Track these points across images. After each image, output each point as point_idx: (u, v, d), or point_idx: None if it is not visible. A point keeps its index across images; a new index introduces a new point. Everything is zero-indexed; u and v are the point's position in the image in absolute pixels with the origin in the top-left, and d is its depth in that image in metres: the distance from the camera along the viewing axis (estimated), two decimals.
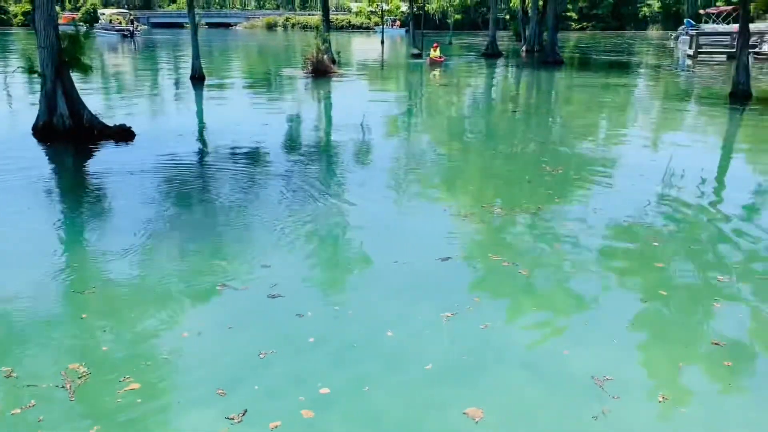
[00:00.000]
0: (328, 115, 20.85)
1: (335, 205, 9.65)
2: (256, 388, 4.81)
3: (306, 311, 6.03)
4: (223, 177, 11.42)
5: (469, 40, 68.91)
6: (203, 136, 16.17)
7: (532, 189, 10.59)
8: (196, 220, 9.09)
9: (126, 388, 4.76)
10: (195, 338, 5.56)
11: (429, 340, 5.53)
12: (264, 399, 4.69)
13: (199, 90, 24.89)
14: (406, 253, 7.50)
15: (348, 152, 13.76)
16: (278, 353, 5.29)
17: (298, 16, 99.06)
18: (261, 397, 4.71)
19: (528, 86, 30.18)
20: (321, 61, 29.88)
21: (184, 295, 6.49)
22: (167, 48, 55.72)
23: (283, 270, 7.06)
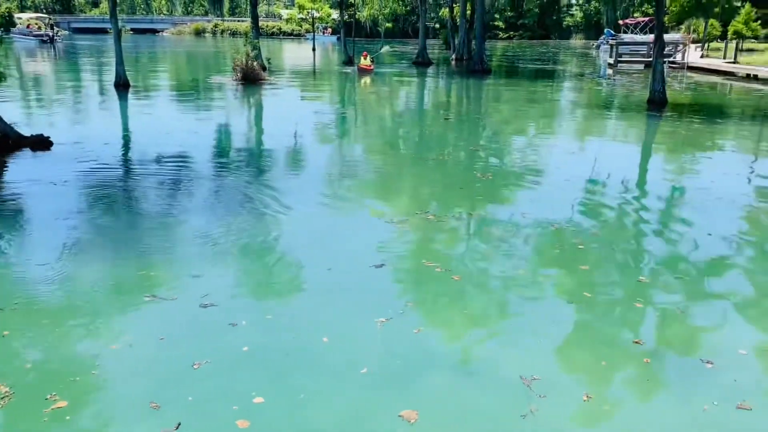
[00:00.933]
0: (258, 122, 20.57)
1: (266, 213, 9.51)
2: (190, 400, 4.71)
3: (240, 320, 5.94)
4: (147, 187, 11.05)
5: (401, 49, 69.58)
6: (127, 146, 15.62)
7: (464, 195, 10.76)
8: (121, 231, 8.76)
9: (53, 407, 4.58)
10: (125, 351, 5.39)
11: (364, 346, 5.55)
12: (198, 410, 4.60)
13: (124, 98, 24.10)
14: (340, 261, 7.49)
15: (279, 160, 13.62)
16: (212, 363, 5.20)
17: (227, 23, 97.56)
18: (195, 409, 4.61)
19: (458, 94, 30.71)
20: (251, 68, 29.47)
21: (113, 307, 6.28)
22: (90, 54, 53.70)
23: (215, 279, 6.93)
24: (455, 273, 7.25)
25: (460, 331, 5.99)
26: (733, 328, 6.11)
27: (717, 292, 7.03)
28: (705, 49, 46.79)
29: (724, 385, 5.07)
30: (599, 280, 7.26)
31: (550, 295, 6.88)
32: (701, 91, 30.85)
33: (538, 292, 6.94)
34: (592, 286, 7.02)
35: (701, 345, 5.78)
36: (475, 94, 30.34)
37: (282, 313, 6.19)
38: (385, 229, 8.80)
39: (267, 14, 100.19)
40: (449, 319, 6.21)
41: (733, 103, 27.25)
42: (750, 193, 11.40)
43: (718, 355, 5.51)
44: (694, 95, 29.09)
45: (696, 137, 17.64)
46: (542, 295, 6.85)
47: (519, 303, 6.64)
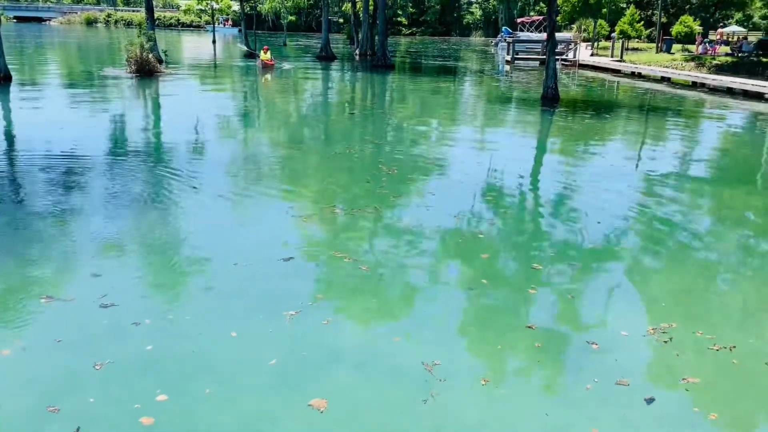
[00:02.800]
0: (155, 116, 19.75)
1: (166, 209, 9.21)
2: (91, 401, 4.56)
3: (143, 319, 5.77)
4: (35, 184, 10.36)
5: (304, 42, 69.04)
6: (10, 142, 14.54)
7: (370, 189, 10.84)
8: (8, 231, 8.15)
9: None
10: (19, 354, 5.13)
11: (273, 339, 5.56)
12: (100, 411, 4.46)
13: (5, 91, 22.44)
14: (247, 255, 7.38)
15: (178, 155, 13.12)
16: (115, 363, 5.04)
17: (121, 13, 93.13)
18: (97, 410, 4.46)
19: (362, 89, 30.84)
20: (146, 61, 28.27)
21: (4, 309, 5.93)
22: None
23: (116, 278, 6.67)
24: (364, 263, 7.38)
25: (368, 320, 6.11)
26: (617, 312, 6.48)
27: (604, 278, 7.46)
28: (594, 48, 49.44)
29: (607, 364, 5.39)
30: (497, 268, 7.57)
31: (451, 283, 7.12)
32: (591, 88, 32.60)
33: (441, 280, 7.18)
34: (491, 273, 7.31)
35: (588, 328, 6.10)
36: (378, 89, 30.58)
37: (188, 310, 6.06)
38: (292, 223, 8.77)
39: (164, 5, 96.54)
40: (357, 309, 6.31)
41: (620, 98, 28.95)
42: (636, 182, 12.15)
43: (602, 338, 5.85)
44: (584, 91, 30.69)
45: (586, 131, 18.61)
46: (444, 284, 7.08)
47: (423, 291, 6.84)
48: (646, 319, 6.32)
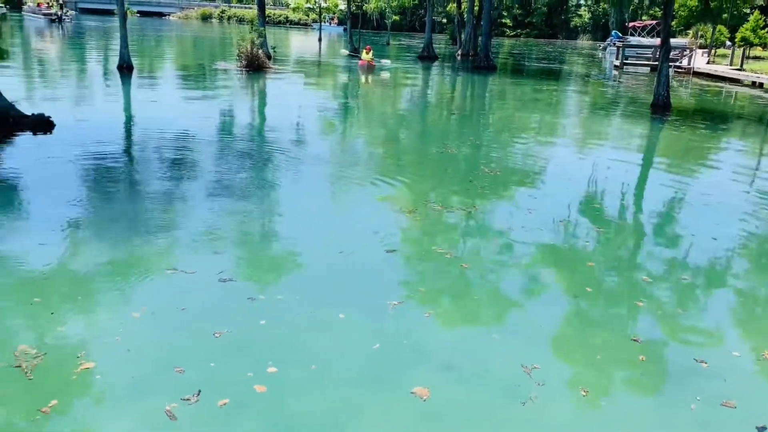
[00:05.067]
0: (261, 110, 20.48)
1: (273, 196, 9.73)
2: (212, 366, 4.88)
3: (257, 295, 6.14)
4: (146, 171, 11.01)
5: (407, 42, 69.43)
6: (128, 128, 15.53)
7: (473, 188, 10.80)
8: (132, 210, 8.78)
9: (81, 367, 4.73)
10: (148, 318, 5.57)
11: (376, 325, 5.73)
12: (219, 375, 4.76)
13: (127, 81, 23.96)
14: (351, 245, 7.60)
15: (283, 147, 13.53)
16: (232, 333, 5.36)
17: (234, 9, 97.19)
18: (216, 374, 4.78)
19: (462, 90, 30.60)
20: (256, 56, 29.31)
21: (134, 278, 6.43)
22: (96, 35, 53.50)
23: (231, 257, 7.14)
24: (465, 261, 7.41)
25: (468, 316, 6.14)
26: (730, 333, 6.13)
27: (717, 294, 7.08)
28: (711, 55, 46.61)
29: (715, 385, 5.09)
30: (603, 277, 7.33)
31: (554, 288, 6.99)
32: (706, 97, 30.74)
33: (543, 284, 7.07)
34: (595, 282, 7.09)
35: (697, 345, 5.79)
36: (479, 90, 30.23)
37: (297, 291, 6.32)
38: (395, 218, 8.94)
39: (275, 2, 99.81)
40: (458, 305, 6.36)
41: (738, 109, 27.13)
42: (752, 198, 11.34)
43: (712, 357, 5.53)
44: (698, 100, 28.98)
45: (699, 142, 17.56)
46: (546, 288, 6.97)
47: (524, 294, 6.78)
48: (761, 342, 5.88)
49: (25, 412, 4.23)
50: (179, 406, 4.37)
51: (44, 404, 4.31)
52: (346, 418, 4.42)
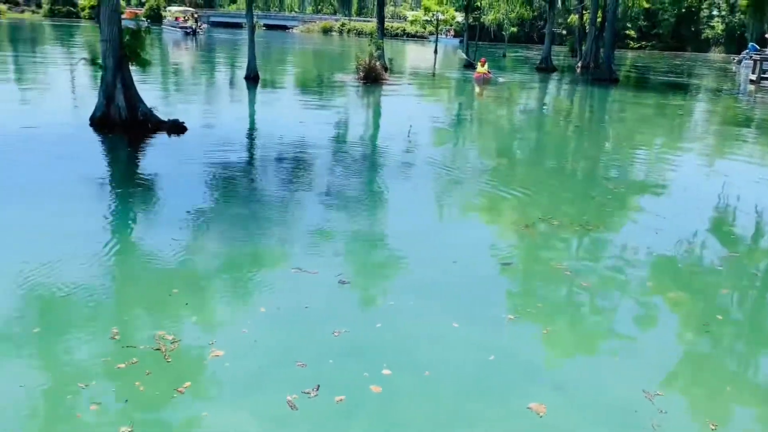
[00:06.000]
0: (376, 121, 20.92)
1: (388, 204, 10.01)
2: (330, 362, 5.08)
3: (373, 298, 6.38)
4: (269, 174, 11.63)
5: (525, 54, 68.36)
6: (252, 135, 16.42)
7: (595, 205, 10.52)
8: (249, 211, 9.33)
9: (212, 355, 5.10)
10: (274, 312, 5.91)
11: (492, 335, 5.75)
12: (336, 373, 4.95)
13: (253, 90, 25.29)
14: (465, 256, 7.62)
15: (397, 158, 13.74)
16: (350, 333, 5.57)
17: (354, 22, 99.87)
18: (334, 371, 4.97)
19: (582, 102, 29.69)
20: (373, 68, 29.94)
21: (264, 275, 6.86)
22: (225, 47, 56.89)
23: (350, 260, 7.44)
24: (585, 279, 7.18)
25: (587, 336, 6.02)
26: None
27: None
28: None
29: None
30: (737, 306, 6.92)
31: (682, 313, 6.66)
32: None
33: (670, 308, 6.75)
34: (728, 310, 6.70)
35: None
36: (600, 103, 29.20)
37: (411, 296, 6.42)
38: (512, 231, 8.85)
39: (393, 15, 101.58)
40: (577, 323, 6.23)
41: None
42: None
43: None
44: None
45: None
46: (673, 312, 6.66)
47: (648, 317, 6.47)
48: None
49: (163, 391, 4.60)
50: (299, 397, 4.57)
51: (179, 385, 4.67)
52: (459, 428, 4.42)
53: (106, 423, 4.22)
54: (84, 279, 6.43)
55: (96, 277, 6.57)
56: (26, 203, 8.93)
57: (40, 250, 7.10)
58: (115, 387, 4.60)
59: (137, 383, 4.63)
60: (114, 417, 4.27)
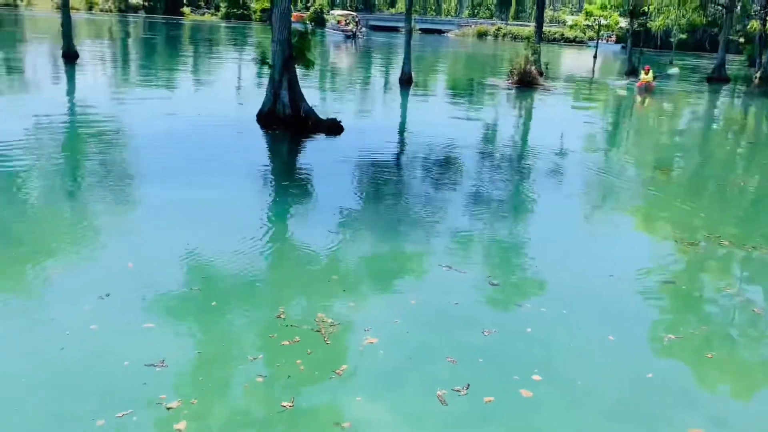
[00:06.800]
0: (528, 125, 20.57)
1: (538, 213, 9.85)
2: (480, 361, 5.14)
3: (524, 303, 6.32)
4: (419, 175, 11.90)
5: (693, 62, 63.76)
6: (404, 136, 16.82)
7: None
8: (399, 208, 9.64)
9: (367, 341, 5.36)
10: (423, 306, 6.09)
11: (648, 353, 5.57)
12: (488, 372, 5.00)
13: (406, 92, 25.84)
14: (622, 270, 7.34)
15: (545, 166, 13.46)
16: (500, 333, 5.61)
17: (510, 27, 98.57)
18: (485, 371, 5.02)
19: (758, 118, 27.16)
20: (528, 72, 29.41)
21: (413, 271, 7.08)
22: (382, 50, 58.57)
23: (497, 263, 7.47)
24: (757, 306, 6.69)
25: (756, 367, 5.60)
26: None
27: None
28: None
29: None
30: None
31: None
32: None
33: None
34: None
35: None
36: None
37: (563, 305, 6.32)
38: (672, 247, 8.42)
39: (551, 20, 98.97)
40: (746, 352, 5.85)
41: None
42: None
43: None
44: None
45: None
46: None
47: None
48: None
49: (322, 371, 4.90)
50: (449, 393, 4.67)
51: (337, 367, 4.95)
52: None
53: (269, 396, 4.58)
54: (251, 261, 6.99)
55: (261, 261, 7.13)
56: (196, 190, 9.81)
57: (210, 232, 7.82)
58: (279, 363, 4.97)
59: (298, 361, 4.97)
60: (277, 391, 4.62)
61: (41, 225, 7.87)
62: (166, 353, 4.95)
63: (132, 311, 5.64)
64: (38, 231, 7.58)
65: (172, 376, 4.70)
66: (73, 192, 9.64)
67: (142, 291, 6.01)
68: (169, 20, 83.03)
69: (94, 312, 5.56)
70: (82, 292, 5.90)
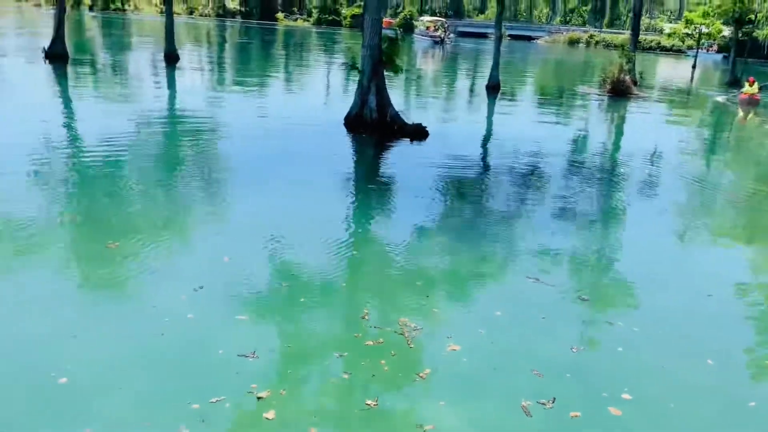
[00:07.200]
0: (618, 137, 19.90)
1: (629, 228, 9.54)
2: (567, 376, 5.06)
3: (615, 321, 6.13)
4: (503, 182, 11.77)
5: None
6: (490, 143, 16.67)
7: None
8: (481, 217, 9.55)
9: (450, 348, 5.39)
10: (509, 318, 6.02)
11: (750, 381, 5.36)
12: (575, 386, 4.93)
13: (492, 99, 25.59)
14: (723, 291, 7.07)
15: (636, 178, 12.98)
16: (587, 351, 5.51)
17: (603, 34, 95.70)
18: (572, 385, 4.95)
19: None
20: (621, 81, 28.46)
21: (497, 279, 7.09)
22: (470, 56, 58.29)
23: (588, 279, 7.31)
24: None
25: None
26: None
27: None
28: None
29: None
30: None
31: None
32: None
33: None
34: None
35: None
36: None
37: (656, 325, 6.14)
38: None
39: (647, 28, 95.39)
40: None
41: None
42: None
43: None
44: None
45: None
46: None
47: None
48: None
49: (406, 373, 4.97)
50: (534, 405, 4.62)
51: (420, 370, 5.01)
52: None
53: (354, 393, 4.68)
54: (337, 261, 7.17)
55: (347, 261, 7.28)
56: (286, 189, 10.10)
57: (298, 231, 8.05)
58: (363, 361, 5.07)
59: (382, 362, 5.05)
60: (361, 389, 4.72)
61: (141, 216, 8.35)
62: (257, 345, 5.15)
63: (226, 303, 5.90)
64: (139, 222, 8.05)
65: (263, 367, 4.89)
66: (171, 186, 10.16)
67: (235, 284, 6.27)
68: (263, 25, 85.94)
69: (190, 302, 5.86)
70: (178, 283, 6.23)
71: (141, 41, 46.05)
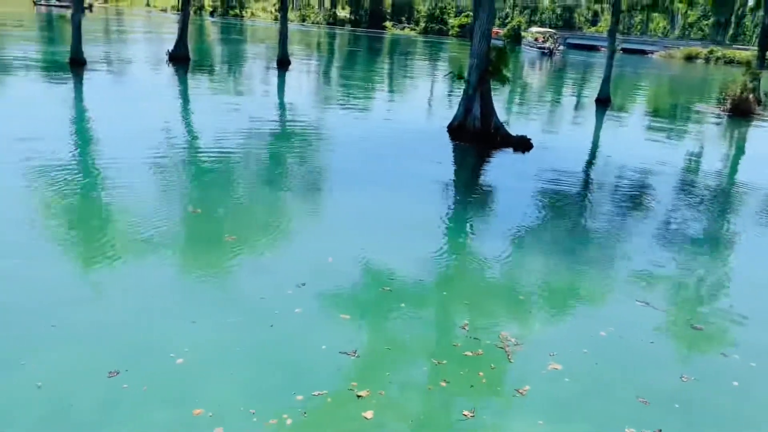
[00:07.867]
0: (736, 159, 18.68)
1: (742, 255, 9.02)
2: (676, 407, 4.85)
3: (731, 353, 5.85)
4: (612, 201, 11.34)
5: None
6: (596, 158, 16.15)
7: None
8: (581, 235, 9.28)
9: (551, 366, 5.33)
10: (615, 341, 5.87)
11: None
12: (681, 421, 4.73)
13: (601, 113, 24.78)
14: None
15: (760, 206, 12.13)
16: (700, 382, 5.27)
17: (725, 50, 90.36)
18: (678, 418, 4.76)
19: None
20: (744, 100, 26.76)
21: (603, 300, 6.91)
22: (578, 68, 56.73)
23: (702, 305, 7.07)
24: None
25: None
26: None
27: None
28: None
29: None
30: None
31: None
32: None
33: None
34: None
35: None
36: None
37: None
38: None
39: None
40: None
41: None
42: None
43: None
44: None
45: None
46: None
47: None
48: None
49: (505, 387, 4.95)
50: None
51: (520, 386, 4.95)
52: None
53: (451, 401, 4.71)
54: (437, 269, 7.23)
55: (447, 270, 7.32)
56: (389, 194, 10.28)
57: (400, 236, 8.18)
58: (462, 371, 5.08)
59: (480, 373, 5.04)
60: (459, 398, 4.74)
61: (254, 213, 8.77)
62: (359, 344, 5.28)
63: (329, 301, 6.09)
64: (252, 218, 8.46)
65: (363, 366, 5.01)
66: (281, 185, 10.58)
67: (338, 284, 6.46)
68: (371, 33, 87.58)
69: (296, 297, 6.08)
70: (284, 278, 6.49)
71: (255, 46, 48.18)
